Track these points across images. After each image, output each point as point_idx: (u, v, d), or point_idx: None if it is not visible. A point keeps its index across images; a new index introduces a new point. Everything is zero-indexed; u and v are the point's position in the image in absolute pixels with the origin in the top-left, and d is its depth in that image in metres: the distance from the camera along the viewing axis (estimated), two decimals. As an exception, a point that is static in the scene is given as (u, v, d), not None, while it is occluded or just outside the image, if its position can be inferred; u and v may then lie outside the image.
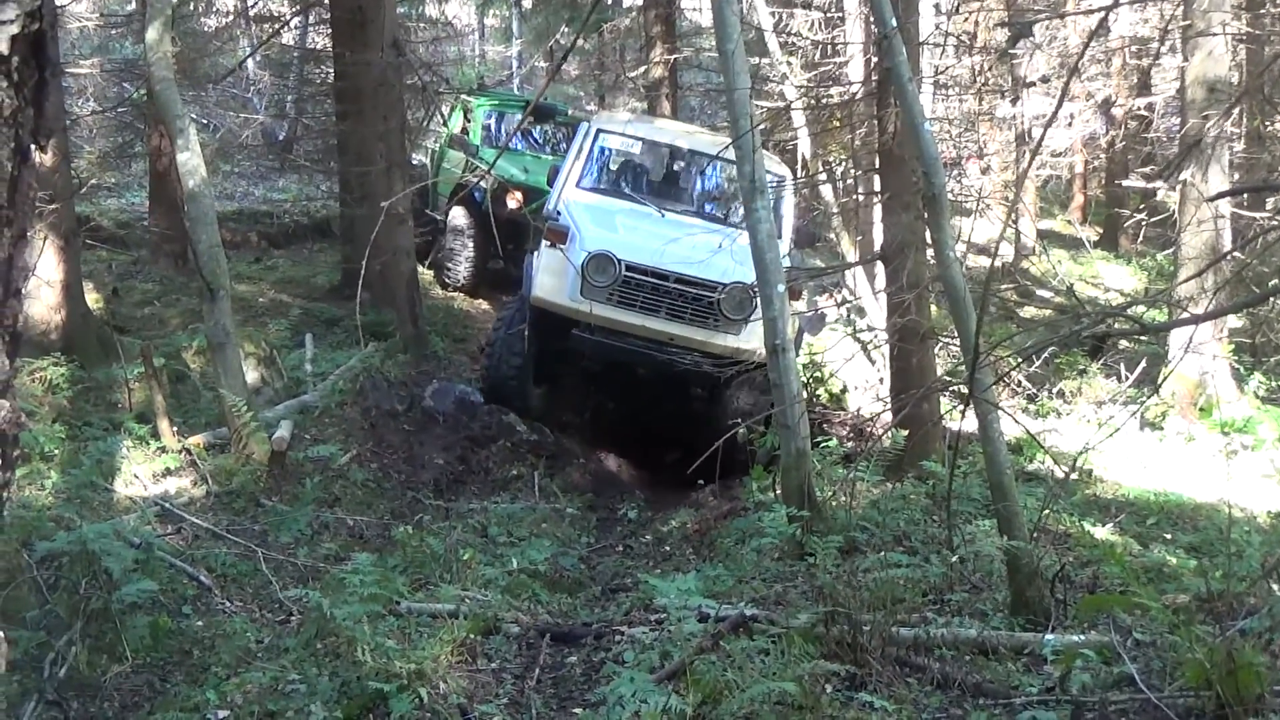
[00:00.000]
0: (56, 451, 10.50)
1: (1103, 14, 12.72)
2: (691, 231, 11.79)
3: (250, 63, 25.85)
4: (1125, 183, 22.62)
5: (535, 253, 12.55)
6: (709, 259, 11.21)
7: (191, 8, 21.63)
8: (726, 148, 10.31)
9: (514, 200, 16.54)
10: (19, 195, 1.97)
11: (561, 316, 11.98)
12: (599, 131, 13.94)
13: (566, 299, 11.87)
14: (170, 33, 12.23)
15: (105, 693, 6.43)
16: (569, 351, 12.22)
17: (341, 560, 8.67)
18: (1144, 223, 19.27)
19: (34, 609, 6.79)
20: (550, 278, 11.95)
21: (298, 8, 22.73)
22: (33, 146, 2.02)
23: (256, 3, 24.43)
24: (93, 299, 15.15)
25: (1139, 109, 23.20)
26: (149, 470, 10.62)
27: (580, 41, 28.56)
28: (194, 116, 14.28)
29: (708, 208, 13.61)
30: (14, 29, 1.91)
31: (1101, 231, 25.83)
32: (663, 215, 12.83)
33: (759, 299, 9.55)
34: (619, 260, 11.74)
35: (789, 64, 18.49)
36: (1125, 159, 25.04)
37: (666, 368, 11.87)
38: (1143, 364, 15.66)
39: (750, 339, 11.48)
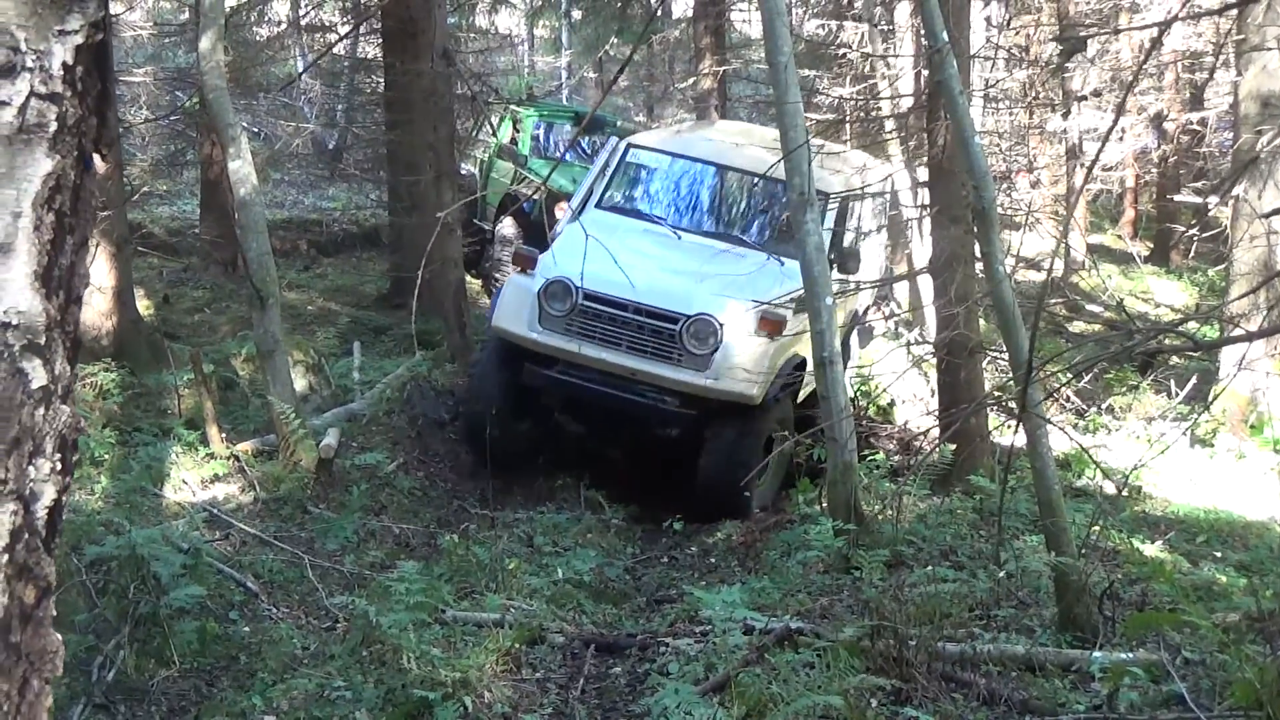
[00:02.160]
0: (106, 457, 10.58)
1: (1158, 30, 12.62)
2: (710, 255, 11.30)
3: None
4: (1177, 198, 22.51)
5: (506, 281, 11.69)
6: (683, 287, 10.64)
7: (244, 17, 21.77)
8: (774, 165, 10.12)
9: (562, 211, 16.58)
10: (80, 203, 2.00)
11: (522, 348, 11.04)
12: (629, 147, 12.97)
13: (525, 329, 10.91)
14: (223, 42, 12.32)
15: (153, 697, 6.47)
16: (527, 388, 11.20)
17: (387, 568, 8.70)
18: (1196, 238, 19.11)
19: (83, 613, 6.84)
20: (510, 306, 11.03)
21: (350, 18, 22.84)
22: (95, 155, 2.04)
23: (308, 13, 24.53)
24: (144, 305, 15.27)
25: (1191, 123, 23.05)
26: (198, 476, 10.69)
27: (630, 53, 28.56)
28: (245, 125, 14.41)
29: (743, 229, 12.47)
30: (78, 39, 1.94)
31: (1152, 247, 25.67)
32: (679, 238, 11.86)
33: (806, 316, 9.49)
34: (576, 288, 10.66)
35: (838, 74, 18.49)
36: (1177, 174, 24.92)
37: (629, 406, 10.83)
38: (1193, 380, 15.56)
39: (722, 378, 10.59)
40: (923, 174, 16.34)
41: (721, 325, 10.50)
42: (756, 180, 12.10)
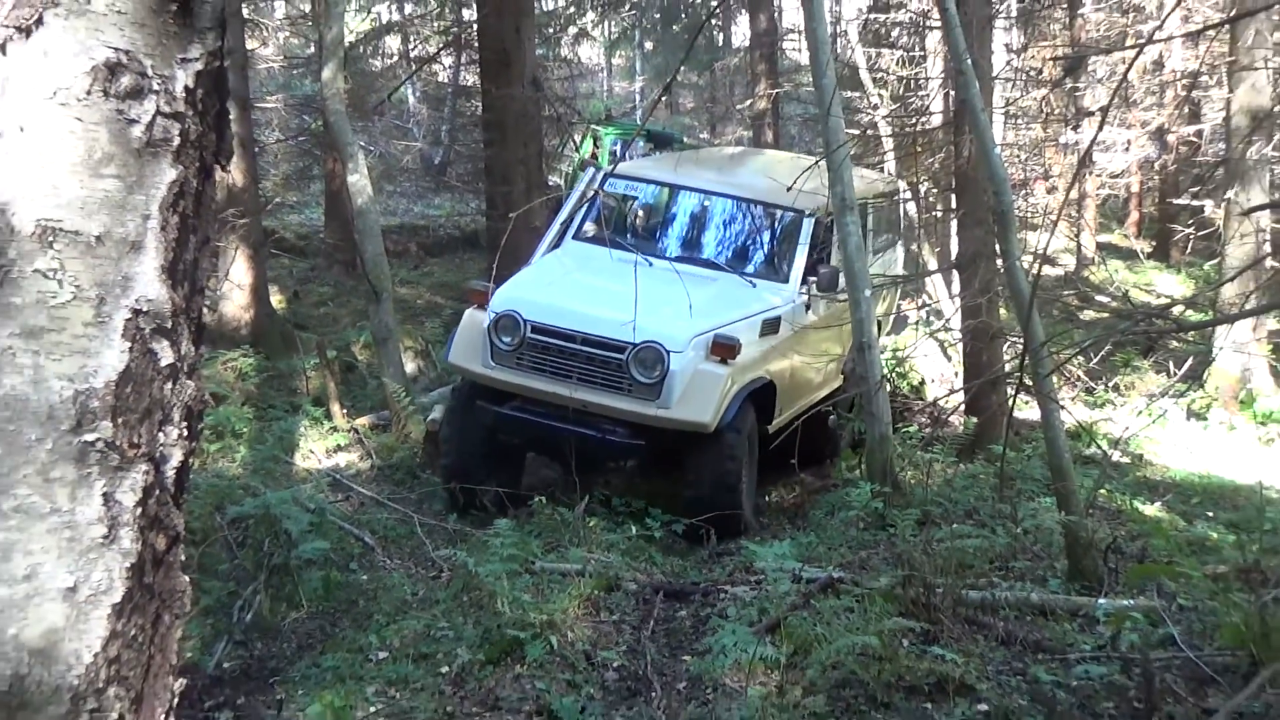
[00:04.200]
0: (245, 430, 10.71)
1: (1139, 49, 12.46)
2: (681, 281, 9.03)
3: (410, 97, 26.20)
4: (1176, 201, 22.23)
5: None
6: (634, 315, 8.59)
7: (361, 50, 21.91)
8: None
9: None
10: (202, 207, 2.02)
11: (479, 385, 9.49)
12: (606, 176, 11.32)
13: (479, 365, 9.33)
14: (343, 72, 12.42)
15: (284, 635, 6.53)
16: (481, 426, 9.52)
17: (485, 525, 8.71)
18: (1192, 236, 18.96)
19: (225, 563, 6.91)
20: (464, 341, 9.49)
21: (450, 48, 22.96)
22: (214, 166, 2.07)
23: (416, 46, 24.66)
24: (276, 300, 15.43)
25: (1189, 136, 22.80)
26: (322, 446, 10.80)
27: (695, 78, 28.58)
28: (362, 144, 14.49)
29: (719, 253, 10.75)
30: (198, 65, 1.96)
31: (1154, 244, 25.32)
32: (649, 265, 9.67)
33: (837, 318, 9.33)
34: (524, 320, 9.13)
35: (880, 95, 18.40)
36: (1176, 180, 24.55)
37: (579, 439, 9.13)
38: (1189, 361, 15.41)
39: (672, 406, 8.95)
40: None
41: (669, 352, 8.94)
42: (736, 204, 10.92)
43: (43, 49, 1.91)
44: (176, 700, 2.11)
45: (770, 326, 9.65)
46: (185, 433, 2.05)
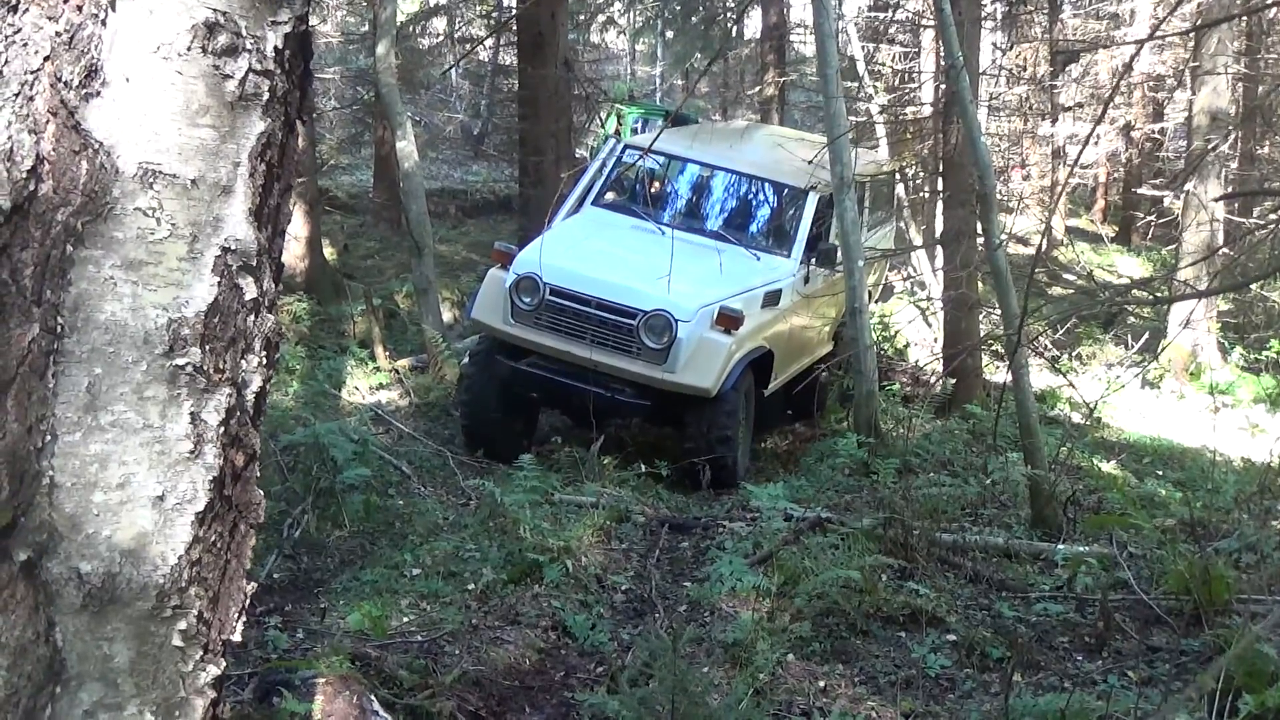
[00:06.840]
0: (298, 367, 10.73)
1: (1139, 46, 12.37)
2: (691, 251, 9.01)
3: (453, 73, 26.11)
4: (1140, 191, 22.16)
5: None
6: (645, 283, 8.65)
7: (411, 29, 21.81)
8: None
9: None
10: (286, 158, 2.03)
11: (498, 341, 9.11)
12: (625, 148, 10.71)
13: (500, 322, 8.95)
14: (394, 48, 12.35)
15: (328, 551, 6.54)
16: (498, 379, 9.10)
17: (510, 459, 8.72)
18: (1153, 224, 18.93)
19: (277, 485, 6.92)
20: (487, 299, 9.11)
21: (493, 31, 22.85)
22: (298, 121, 2.07)
23: (460, 28, 24.55)
24: (329, 252, 15.43)
25: (1153, 132, 22.69)
26: (367, 384, 10.81)
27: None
28: (410, 114, 14.42)
29: (728, 225, 10.21)
30: (287, 28, 1.96)
31: (1118, 230, 25.22)
32: (662, 233, 9.38)
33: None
34: (544, 283, 8.70)
35: (875, 87, 18.30)
36: (1140, 172, 24.45)
37: (588, 396, 8.70)
38: (1146, 336, 15.40)
39: (678, 371, 8.61)
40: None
41: (677, 321, 8.59)
42: (745, 180, 10.51)
43: (149, 7, 1.91)
44: (248, 601, 2.14)
45: (771, 298, 9.38)
46: (264, 361, 2.06)
